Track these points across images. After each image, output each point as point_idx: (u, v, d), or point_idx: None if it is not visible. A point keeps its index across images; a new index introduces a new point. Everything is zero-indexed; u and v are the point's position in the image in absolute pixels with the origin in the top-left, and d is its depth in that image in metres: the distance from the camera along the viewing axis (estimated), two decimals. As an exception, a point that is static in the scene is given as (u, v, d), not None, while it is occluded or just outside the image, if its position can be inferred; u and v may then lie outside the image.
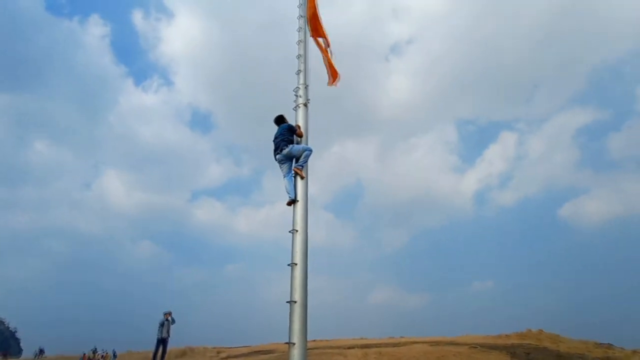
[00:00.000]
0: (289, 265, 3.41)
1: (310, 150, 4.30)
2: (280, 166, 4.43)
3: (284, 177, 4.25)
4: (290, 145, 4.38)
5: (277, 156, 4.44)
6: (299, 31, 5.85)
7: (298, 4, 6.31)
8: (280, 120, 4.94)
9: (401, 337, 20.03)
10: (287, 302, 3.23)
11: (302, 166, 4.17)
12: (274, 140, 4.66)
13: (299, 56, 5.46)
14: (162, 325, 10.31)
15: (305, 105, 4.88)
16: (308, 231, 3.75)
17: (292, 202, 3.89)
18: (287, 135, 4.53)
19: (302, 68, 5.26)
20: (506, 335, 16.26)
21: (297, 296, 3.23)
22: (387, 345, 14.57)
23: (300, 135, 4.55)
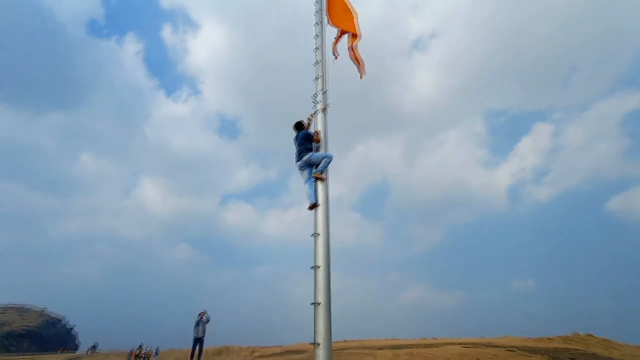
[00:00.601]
0: (311, 268, 3.53)
1: (330, 157, 4.40)
2: (300, 172, 4.61)
3: (305, 183, 4.41)
4: (310, 153, 4.54)
5: (298, 163, 4.63)
6: (315, 38, 5.96)
7: (315, 10, 6.44)
8: (299, 126, 5.12)
9: (434, 337, 19.51)
10: (311, 304, 3.35)
11: (322, 171, 4.29)
12: (295, 144, 4.86)
13: (316, 62, 5.58)
14: (197, 324, 10.84)
15: (324, 110, 4.98)
16: (330, 234, 3.86)
17: (314, 206, 4.03)
18: (306, 143, 4.70)
19: (320, 74, 5.37)
20: (548, 338, 15.30)
21: (321, 298, 3.34)
22: (419, 346, 14.28)
23: (318, 142, 4.70)
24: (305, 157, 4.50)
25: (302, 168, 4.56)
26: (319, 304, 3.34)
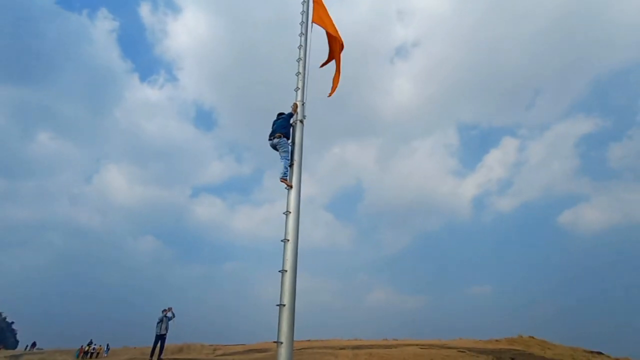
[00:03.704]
0: (279, 271, 3.77)
1: (288, 161, 4.78)
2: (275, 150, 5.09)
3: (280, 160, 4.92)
4: (283, 139, 4.99)
5: (269, 142, 5.14)
6: (299, 48, 6.11)
7: (300, 20, 6.60)
8: (280, 115, 5.52)
9: (395, 339, 20.37)
10: (276, 305, 3.59)
11: (285, 176, 4.60)
12: (273, 125, 5.34)
13: (298, 73, 5.76)
14: (160, 321, 10.60)
15: (302, 122, 5.22)
16: (299, 239, 4.12)
17: (284, 180, 4.52)
18: (285, 122, 5.17)
19: (300, 85, 5.58)
20: (496, 340, 16.62)
21: (286, 300, 3.59)
22: (379, 347, 14.92)
23: (295, 111, 5.23)
24: (275, 140, 5.01)
25: (273, 147, 5.07)
26: (283, 305, 3.58)
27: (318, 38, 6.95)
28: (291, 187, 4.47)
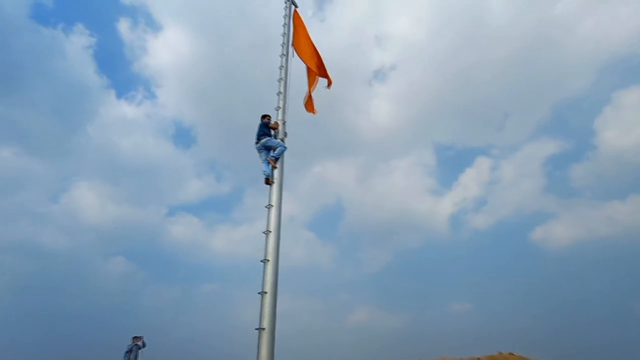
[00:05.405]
0: (259, 293, 3.65)
1: (284, 147, 5.13)
2: (259, 154, 5.29)
3: (262, 162, 5.11)
4: (268, 138, 5.26)
5: (256, 145, 5.34)
6: (280, 69, 6.30)
7: (281, 42, 6.82)
8: (263, 117, 5.76)
9: (374, 359, 19.93)
10: (255, 329, 3.44)
11: (276, 158, 4.90)
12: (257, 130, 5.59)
13: (279, 93, 5.89)
14: (129, 351, 9.75)
15: (283, 140, 5.28)
16: (280, 259, 4.04)
17: (268, 181, 4.74)
18: (264, 130, 5.41)
19: (281, 105, 5.69)
20: (478, 358, 16.63)
21: (266, 323, 3.46)
22: (362, 369, 14.51)
23: (275, 128, 5.42)
24: (263, 140, 5.20)
25: (260, 150, 5.25)
26: (263, 329, 3.45)
27: (299, 59, 7.18)
28: (276, 167, 4.78)
